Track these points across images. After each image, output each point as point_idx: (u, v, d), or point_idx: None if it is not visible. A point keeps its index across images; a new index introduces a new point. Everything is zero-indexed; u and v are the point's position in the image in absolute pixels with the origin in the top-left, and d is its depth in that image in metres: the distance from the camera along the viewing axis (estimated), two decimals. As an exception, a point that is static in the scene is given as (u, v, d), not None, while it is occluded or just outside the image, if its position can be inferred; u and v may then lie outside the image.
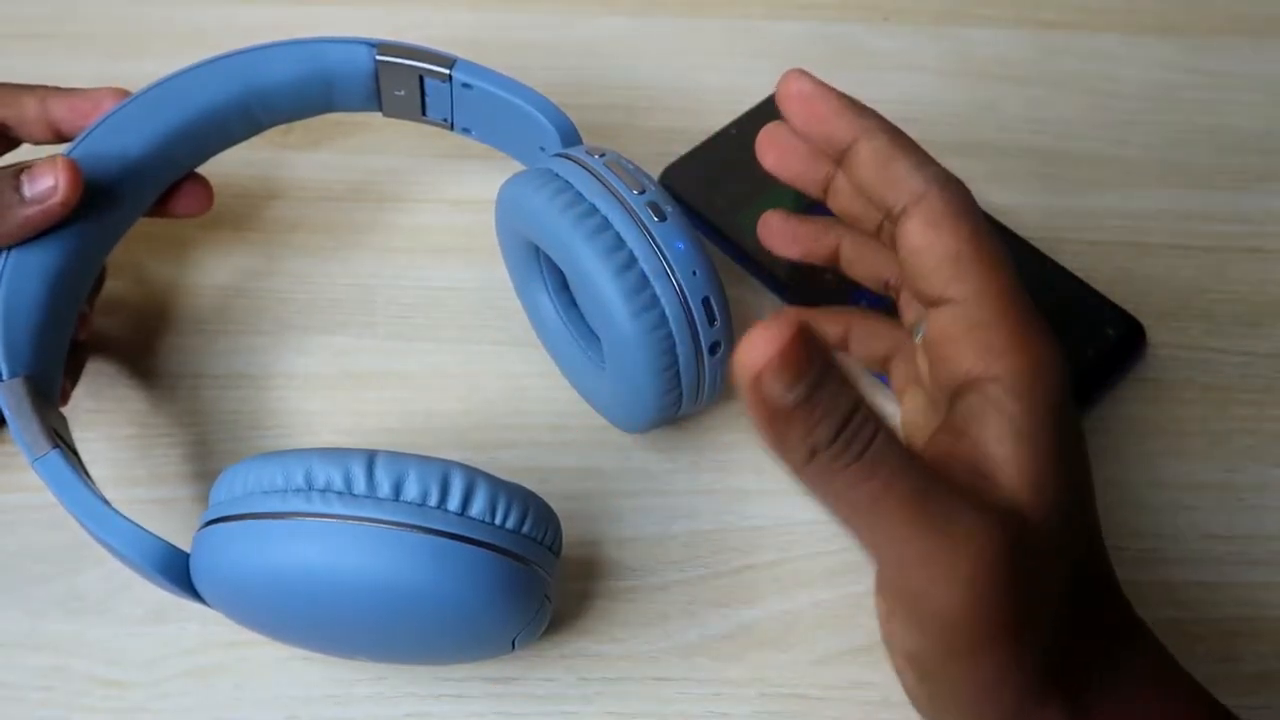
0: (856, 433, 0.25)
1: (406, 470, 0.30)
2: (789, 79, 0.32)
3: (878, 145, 0.32)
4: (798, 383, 0.24)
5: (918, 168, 0.31)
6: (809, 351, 0.23)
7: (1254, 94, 0.52)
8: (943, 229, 0.30)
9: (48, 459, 0.33)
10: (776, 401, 0.24)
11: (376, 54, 0.41)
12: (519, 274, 0.42)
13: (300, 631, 0.33)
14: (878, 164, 0.31)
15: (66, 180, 0.35)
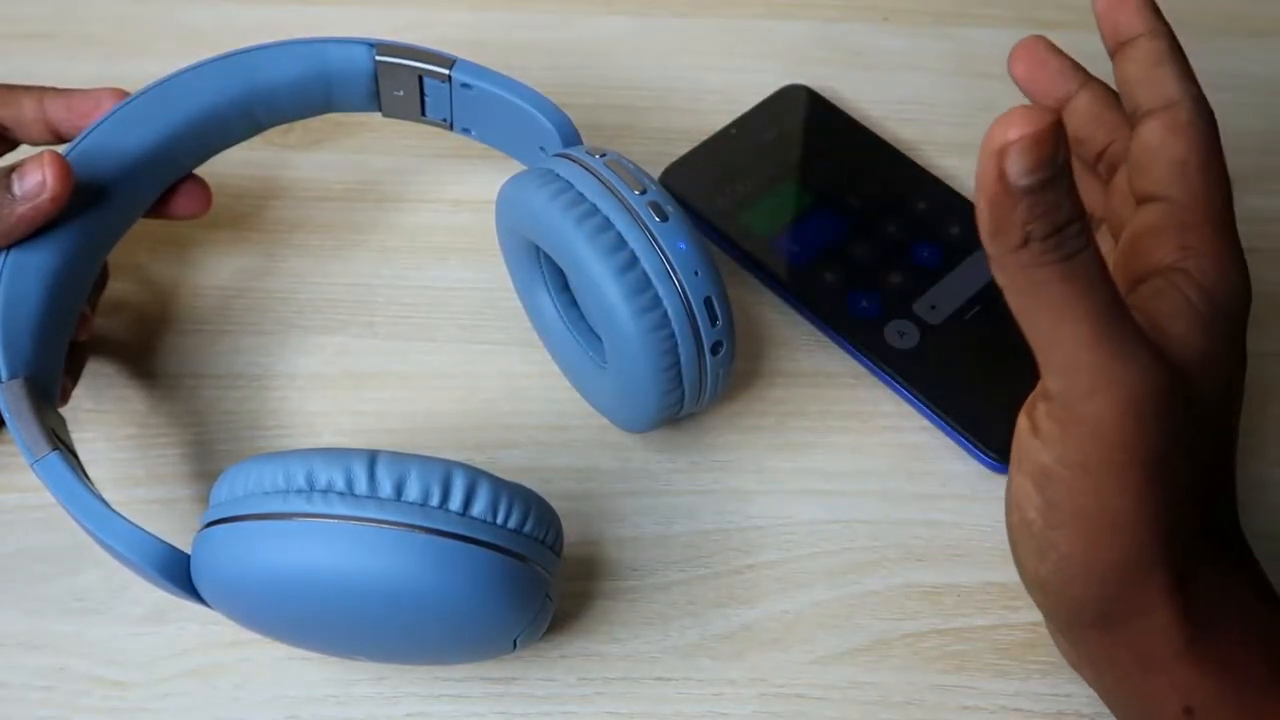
0: (1073, 237, 0.26)
1: (408, 470, 0.30)
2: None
3: (1158, 46, 0.34)
4: (1038, 169, 0.24)
5: (1181, 79, 0.33)
6: (1057, 146, 0.24)
7: (1254, 94, 0.52)
8: (1181, 136, 0.32)
9: (47, 460, 0.33)
10: (1013, 179, 0.24)
11: (376, 54, 0.41)
12: (520, 274, 0.42)
13: (301, 632, 0.33)
14: (1151, 62, 0.34)
15: (54, 175, 0.35)
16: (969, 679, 0.37)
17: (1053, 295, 0.26)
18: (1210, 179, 0.32)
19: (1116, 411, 0.27)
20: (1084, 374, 0.27)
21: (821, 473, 0.41)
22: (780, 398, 0.43)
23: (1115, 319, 0.27)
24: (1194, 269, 0.31)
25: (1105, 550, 0.29)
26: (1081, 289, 0.26)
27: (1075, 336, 0.27)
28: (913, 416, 0.42)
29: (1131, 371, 0.27)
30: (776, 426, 0.42)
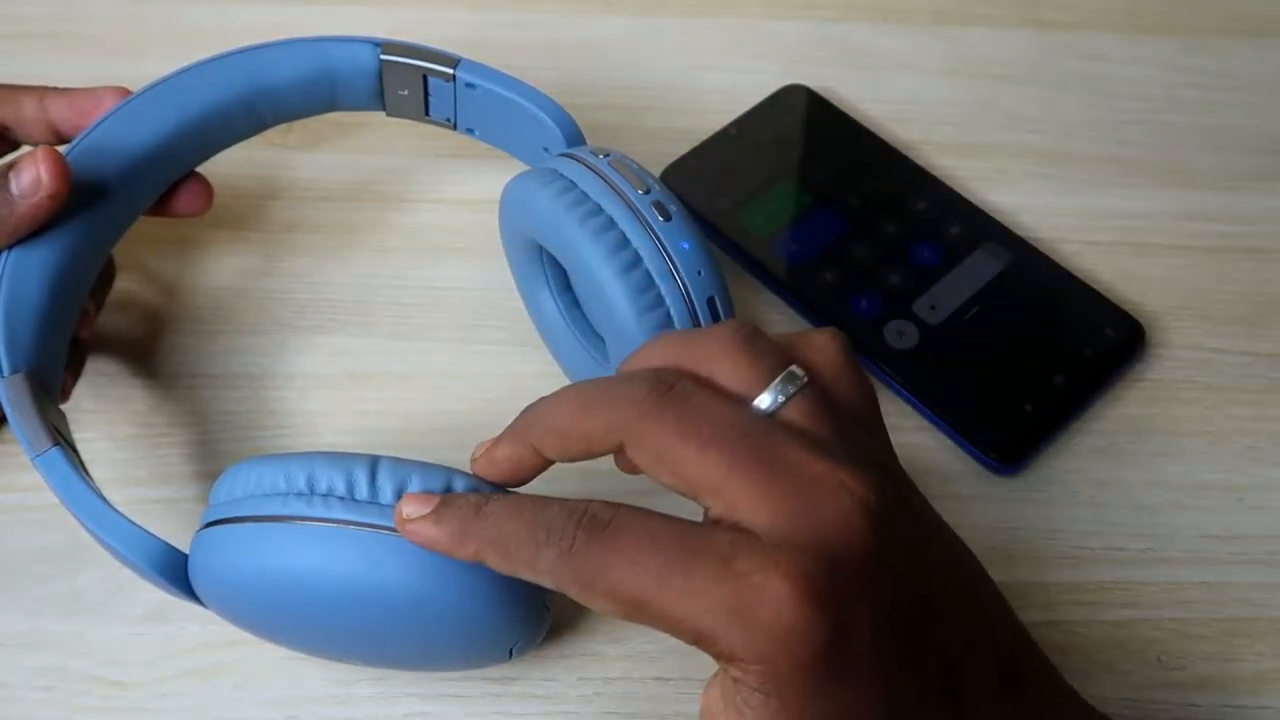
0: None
1: (409, 476, 0.30)
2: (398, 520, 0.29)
3: (495, 566, 0.28)
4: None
5: (532, 569, 0.27)
6: None
7: (1254, 94, 0.52)
8: (589, 604, 0.27)
9: (48, 456, 0.33)
10: None
11: (381, 53, 0.41)
12: (522, 274, 0.42)
13: (298, 635, 0.33)
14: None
15: (49, 171, 0.35)
16: (969, 679, 0.37)
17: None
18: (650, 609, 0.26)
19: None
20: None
21: (821, 473, 0.41)
22: (780, 398, 0.43)
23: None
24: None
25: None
26: None
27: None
28: (912, 416, 0.42)
29: None
30: (776, 426, 0.42)
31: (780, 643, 0.25)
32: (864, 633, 0.25)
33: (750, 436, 0.27)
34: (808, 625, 0.25)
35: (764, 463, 0.26)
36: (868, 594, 0.25)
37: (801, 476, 0.26)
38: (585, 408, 0.28)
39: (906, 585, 0.26)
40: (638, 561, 0.26)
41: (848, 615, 0.25)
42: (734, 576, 0.25)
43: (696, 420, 0.27)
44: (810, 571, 0.25)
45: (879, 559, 0.26)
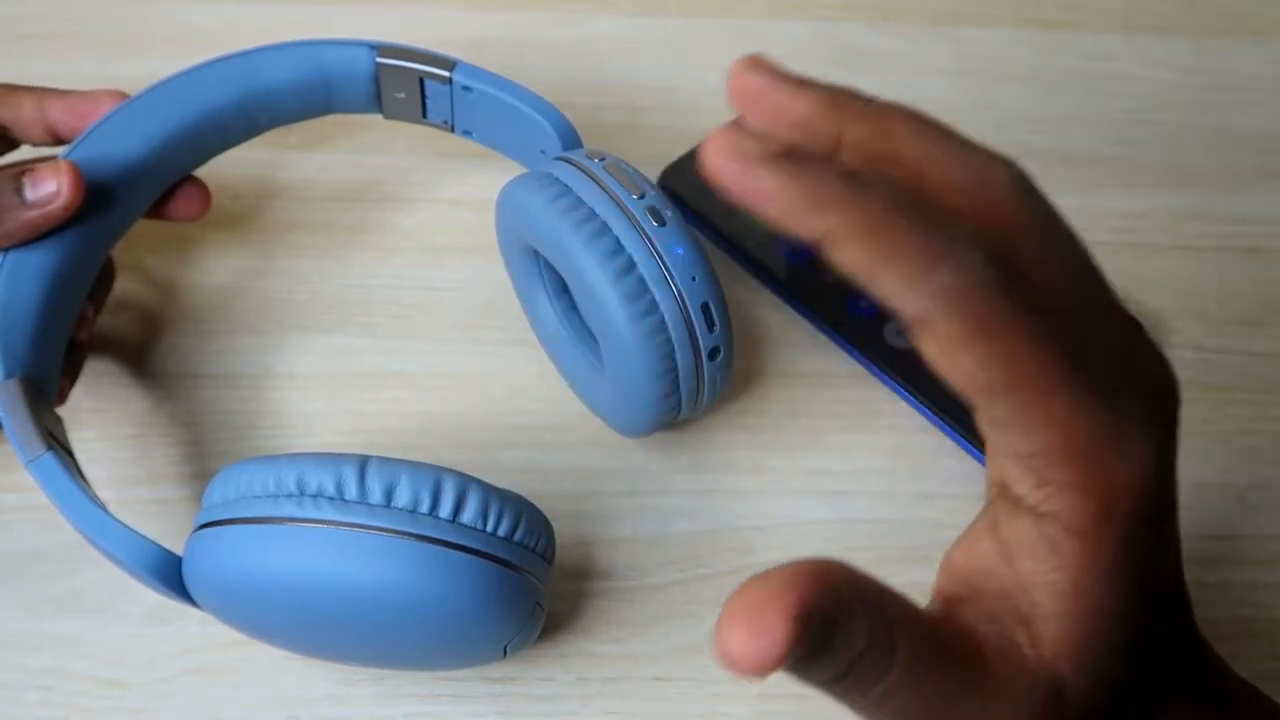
0: (867, 670, 0.21)
1: (398, 476, 0.30)
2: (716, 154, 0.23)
3: (851, 255, 0.22)
4: (792, 661, 0.20)
5: (913, 280, 0.22)
6: (804, 637, 0.19)
7: (1254, 94, 0.52)
8: (959, 357, 0.23)
9: (41, 461, 0.33)
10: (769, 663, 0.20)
11: (377, 56, 0.41)
12: (519, 277, 0.42)
13: (291, 636, 0.33)
14: (857, 273, 0.23)
15: (69, 184, 0.35)
16: (969, 679, 0.37)
17: (873, 715, 0.22)
18: (1028, 388, 0.23)
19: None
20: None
21: (821, 473, 0.41)
22: (780, 398, 0.43)
23: (953, 711, 0.22)
24: (1063, 511, 0.24)
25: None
26: (902, 705, 0.22)
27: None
28: (912, 416, 0.42)
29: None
30: (776, 426, 0.42)
31: (1126, 496, 0.24)
32: (1167, 531, 0.26)
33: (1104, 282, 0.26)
34: (1154, 495, 0.24)
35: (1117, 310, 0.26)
36: (1174, 500, 0.26)
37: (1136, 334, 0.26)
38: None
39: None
40: (1033, 350, 0.22)
41: (1168, 509, 0.25)
42: (1122, 414, 0.24)
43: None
44: (1168, 449, 0.25)
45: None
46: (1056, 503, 0.23)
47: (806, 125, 0.25)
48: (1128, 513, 0.23)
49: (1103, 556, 0.23)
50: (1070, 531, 0.23)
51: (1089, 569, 0.23)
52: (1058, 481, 0.23)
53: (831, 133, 0.25)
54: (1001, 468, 0.24)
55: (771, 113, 0.25)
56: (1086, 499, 0.23)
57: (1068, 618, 0.23)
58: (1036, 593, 0.24)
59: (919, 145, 0.26)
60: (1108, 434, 0.23)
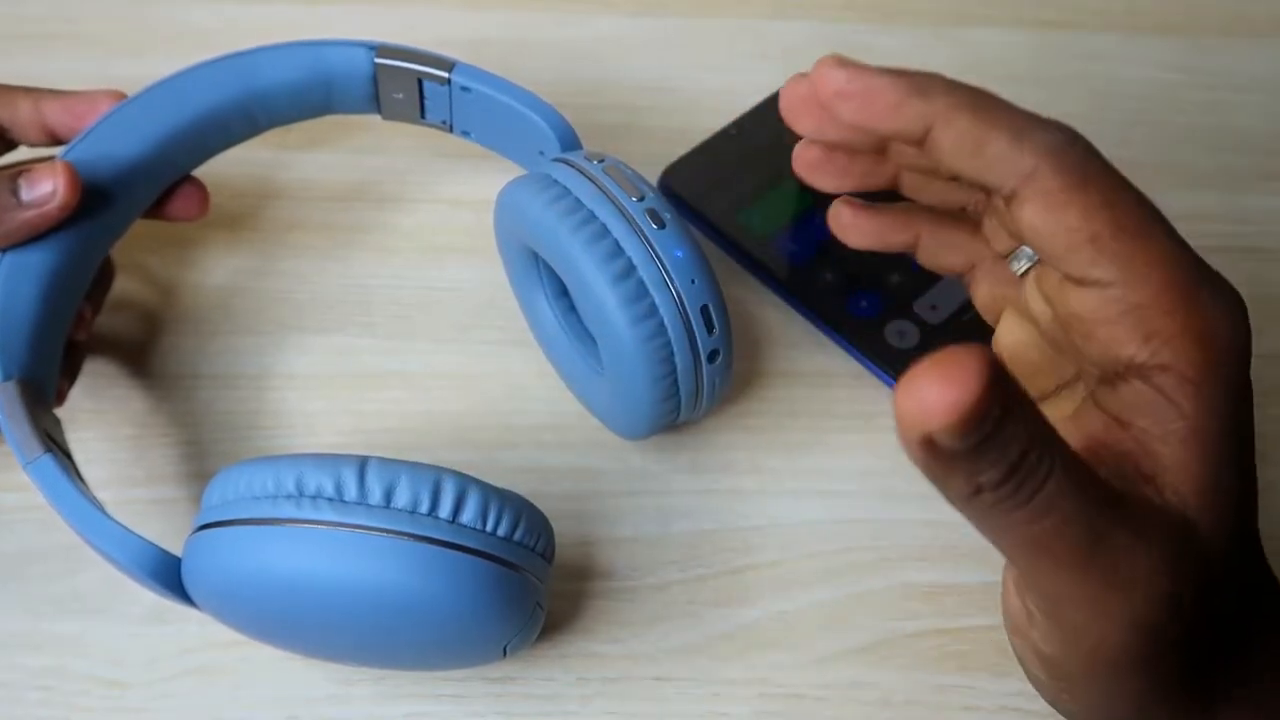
0: (1030, 474, 0.22)
1: (398, 477, 0.30)
2: (824, 73, 0.26)
3: (960, 128, 0.26)
4: (975, 432, 0.20)
5: (1017, 141, 0.26)
6: (991, 400, 0.20)
7: (1254, 94, 0.52)
8: (1067, 209, 0.25)
9: (39, 463, 0.33)
10: (944, 448, 0.20)
11: (375, 57, 0.41)
12: (518, 279, 0.42)
13: (291, 637, 0.33)
14: (967, 150, 0.26)
15: (66, 185, 0.35)
16: (969, 679, 0.37)
17: (1024, 536, 0.23)
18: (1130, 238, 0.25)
19: (1119, 639, 0.24)
20: (1075, 605, 0.24)
21: (821, 473, 0.41)
22: (780, 398, 0.43)
23: (1101, 542, 0.23)
24: (1175, 360, 0.25)
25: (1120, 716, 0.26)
26: (1056, 525, 0.22)
27: (1058, 574, 0.23)
28: (912, 416, 0.42)
29: (1128, 596, 0.24)
30: (776, 426, 0.42)
31: (1232, 333, 0.25)
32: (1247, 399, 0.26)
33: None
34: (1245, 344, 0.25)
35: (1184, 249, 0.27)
36: None
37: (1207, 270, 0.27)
38: None
39: None
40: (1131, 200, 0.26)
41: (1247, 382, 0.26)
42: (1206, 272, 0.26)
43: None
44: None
45: None
46: (1167, 353, 0.25)
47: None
48: (1232, 361, 0.25)
49: (1216, 401, 0.24)
50: (1184, 379, 0.25)
51: (1206, 413, 0.25)
52: (1165, 331, 0.25)
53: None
54: (1106, 336, 0.25)
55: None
56: (1195, 346, 0.24)
57: (1192, 462, 0.24)
58: (1157, 445, 0.25)
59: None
60: (1206, 284, 0.25)
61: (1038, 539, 0.23)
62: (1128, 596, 0.24)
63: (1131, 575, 0.24)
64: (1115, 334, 0.25)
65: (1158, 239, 0.25)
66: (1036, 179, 0.25)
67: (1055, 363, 0.29)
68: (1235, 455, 0.25)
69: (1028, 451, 0.21)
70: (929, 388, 0.19)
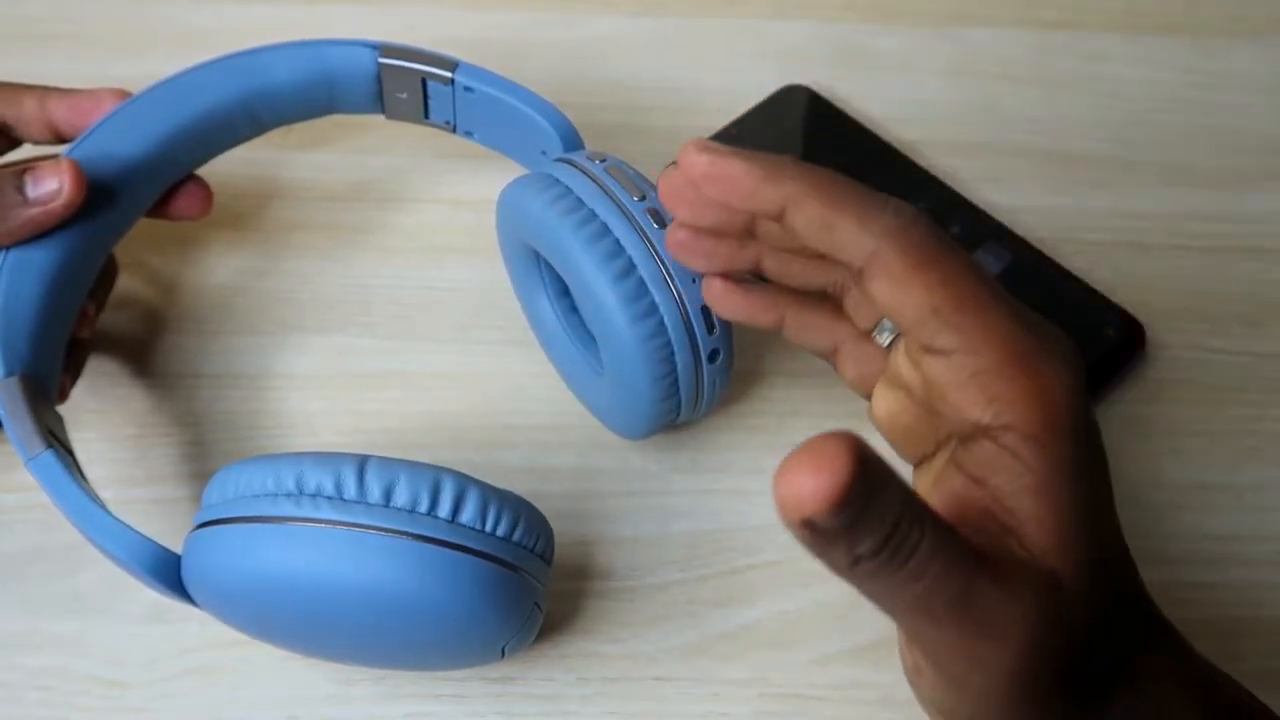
0: (902, 542, 0.23)
1: (397, 476, 0.30)
2: (689, 157, 0.29)
3: (810, 213, 0.28)
4: (844, 512, 0.21)
5: (862, 224, 0.27)
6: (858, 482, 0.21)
7: (1254, 94, 0.52)
8: (910, 286, 0.27)
9: (41, 459, 0.33)
10: (822, 527, 0.22)
11: (379, 56, 0.41)
12: (519, 278, 0.42)
13: (290, 636, 0.33)
14: (817, 231, 0.28)
15: (70, 182, 0.35)
16: (969, 679, 0.37)
17: (902, 598, 0.24)
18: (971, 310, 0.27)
19: (998, 686, 0.26)
20: (956, 660, 0.26)
21: (821, 473, 0.41)
22: (780, 398, 0.43)
23: (973, 595, 0.25)
24: (1017, 421, 0.27)
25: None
26: (929, 585, 0.24)
27: (935, 630, 0.25)
28: (912, 416, 0.42)
29: (1003, 644, 0.25)
30: (776, 426, 0.42)
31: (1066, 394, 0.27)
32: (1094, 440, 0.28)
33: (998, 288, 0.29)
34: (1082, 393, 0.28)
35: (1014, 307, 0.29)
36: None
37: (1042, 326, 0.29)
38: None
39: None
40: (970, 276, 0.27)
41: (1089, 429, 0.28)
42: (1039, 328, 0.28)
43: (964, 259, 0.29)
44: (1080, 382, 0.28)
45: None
46: (1009, 414, 0.26)
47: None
48: (1069, 415, 0.27)
49: (1059, 453, 0.26)
50: (1026, 437, 0.26)
51: (1051, 465, 0.26)
52: (1006, 394, 0.27)
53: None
54: (956, 399, 0.28)
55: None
56: (1033, 406, 0.26)
57: (1045, 514, 0.26)
58: (1012, 500, 0.27)
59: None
60: (1040, 349, 0.27)
61: (916, 599, 0.24)
62: (999, 647, 0.25)
63: (1001, 627, 0.25)
64: (963, 398, 0.27)
65: (994, 310, 0.27)
66: (881, 258, 0.27)
67: (931, 425, 0.31)
68: (1087, 501, 0.27)
69: (899, 522, 0.23)
70: (801, 476, 0.21)
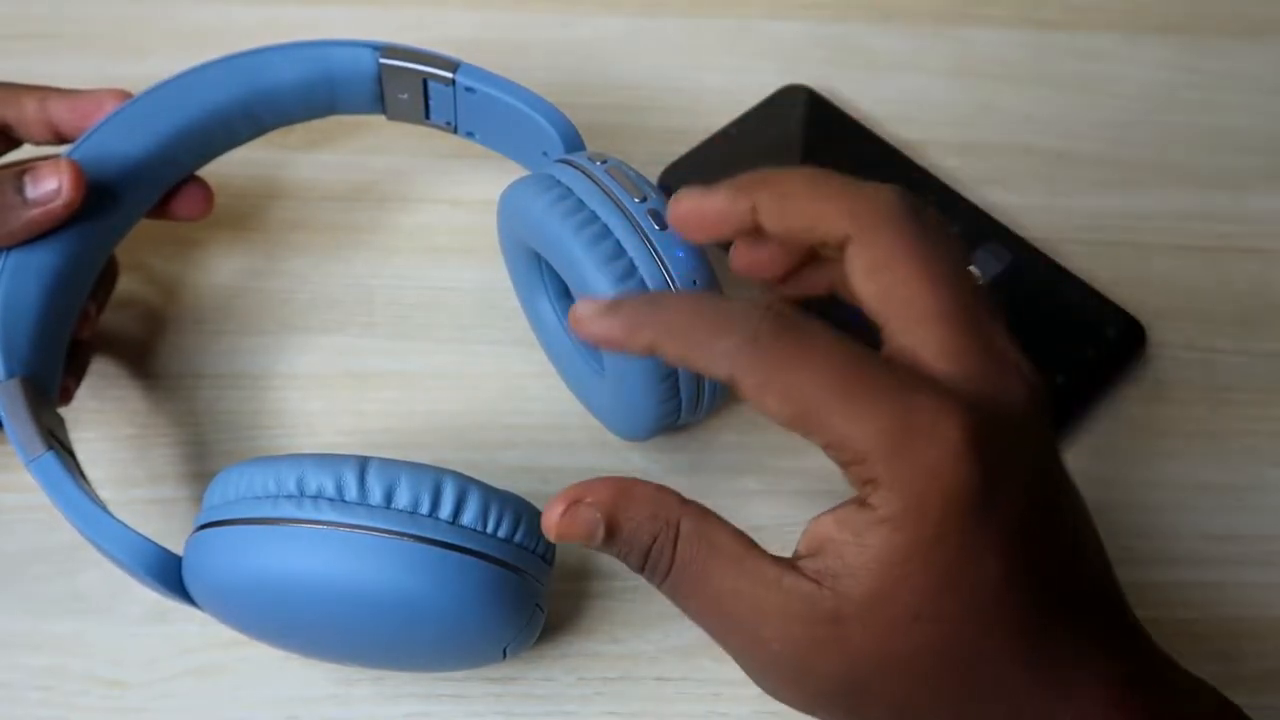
0: (658, 558, 0.28)
1: (398, 478, 0.30)
2: (574, 323, 0.30)
3: (670, 356, 0.29)
4: (594, 537, 0.28)
5: (709, 357, 0.28)
6: (592, 525, 0.28)
7: (1254, 94, 0.52)
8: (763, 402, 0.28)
9: (42, 461, 0.33)
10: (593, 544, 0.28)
11: (380, 57, 0.41)
12: (521, 280, 0.42)
13: (291, 637, 0.33)
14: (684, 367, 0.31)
15: (70, 182, 0.35)
16: (969, 679, 0.37)
17: (682, 605, 0.29)
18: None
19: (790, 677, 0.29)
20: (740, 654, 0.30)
21: (821, 473, 0.41)
22: (780, 398, 0.43)
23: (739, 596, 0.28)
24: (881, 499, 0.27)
25: None
26: (687, 594, 0.29)
27: (723, 636, 0.30)
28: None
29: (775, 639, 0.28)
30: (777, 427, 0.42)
31: (934, 483, 0.26)
32: (1007, 508, 0.26)
33: (965, 292, 0.28)
34: (966, 477, 0.26)
35: (969, 319, 0.28)
36: (1021, 475, 0.27)
37: (993, 346, 0.28)
38: None
39: (1051, 485, 0.28)
40: (821, 369, 0.27)
41: (1001, 485, 0.26)
42: (909, 409, 0.26)
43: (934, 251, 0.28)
44: (982, 430, 0.26)
45: (1036, 450, 0.28)
46: (875, 498, 0.26)
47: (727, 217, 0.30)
48: (938, 504, 0.26)
49: (906, 542, 0.26)
50: (880, 520, 0.26)
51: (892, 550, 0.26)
52: (871, 481, 0.26)
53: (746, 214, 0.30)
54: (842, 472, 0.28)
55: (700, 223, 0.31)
56: (893, 494, 0.26)
57: (867, 589, 0.26)
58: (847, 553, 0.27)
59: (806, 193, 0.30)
60: (909, 433, 0.26)
61: (686, 606, 0.29)
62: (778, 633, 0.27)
63: (768, 611, 0.27)
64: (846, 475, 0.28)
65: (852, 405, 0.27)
66: (734, 383, 0.28)
67: None
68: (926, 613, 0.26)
69: (655, 538, 0.28)
70: (553, 516, 0.28)
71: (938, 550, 0.26)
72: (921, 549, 0.26)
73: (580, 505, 0.28)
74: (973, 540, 0.26)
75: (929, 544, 0.26)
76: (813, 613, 0.27)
